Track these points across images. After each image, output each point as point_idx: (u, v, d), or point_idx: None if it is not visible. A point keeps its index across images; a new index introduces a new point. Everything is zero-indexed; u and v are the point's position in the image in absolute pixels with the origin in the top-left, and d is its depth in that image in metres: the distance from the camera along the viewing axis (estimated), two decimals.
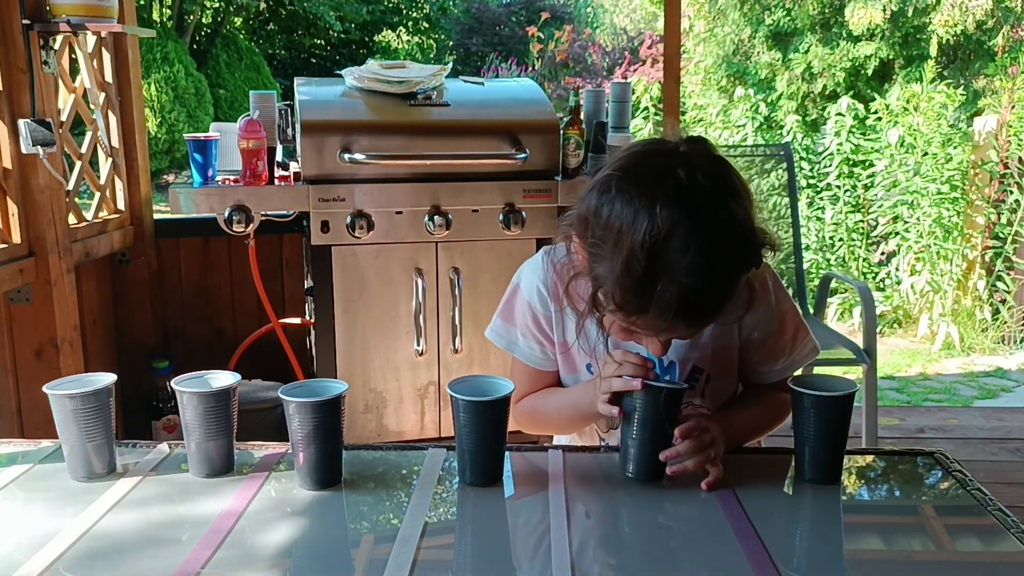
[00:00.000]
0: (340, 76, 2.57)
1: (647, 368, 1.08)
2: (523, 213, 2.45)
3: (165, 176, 9.75)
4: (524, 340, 1.29)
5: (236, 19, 13.18)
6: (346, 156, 2.32)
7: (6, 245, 2.13)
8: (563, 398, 1.28)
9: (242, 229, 2.33)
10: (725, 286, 1.00)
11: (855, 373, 4.12)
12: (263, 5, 12.97)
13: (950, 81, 6.16)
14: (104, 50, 2.62)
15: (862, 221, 5.59)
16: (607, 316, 1.06)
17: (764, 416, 1.28)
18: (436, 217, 2.39)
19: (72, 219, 2.42)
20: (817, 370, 3.90)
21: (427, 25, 14.79)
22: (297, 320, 2.80)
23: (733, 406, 1.29)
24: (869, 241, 5.59)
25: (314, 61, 13.96)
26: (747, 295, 1.10)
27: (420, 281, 2.43)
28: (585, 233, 1.04)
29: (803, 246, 4.18)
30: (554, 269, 1.22)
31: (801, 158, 5.75)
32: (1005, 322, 5.01)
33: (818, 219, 5.69)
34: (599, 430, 1.31)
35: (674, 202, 0.96)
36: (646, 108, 6.38)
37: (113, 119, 2.67)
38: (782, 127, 6.43)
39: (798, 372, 1.27)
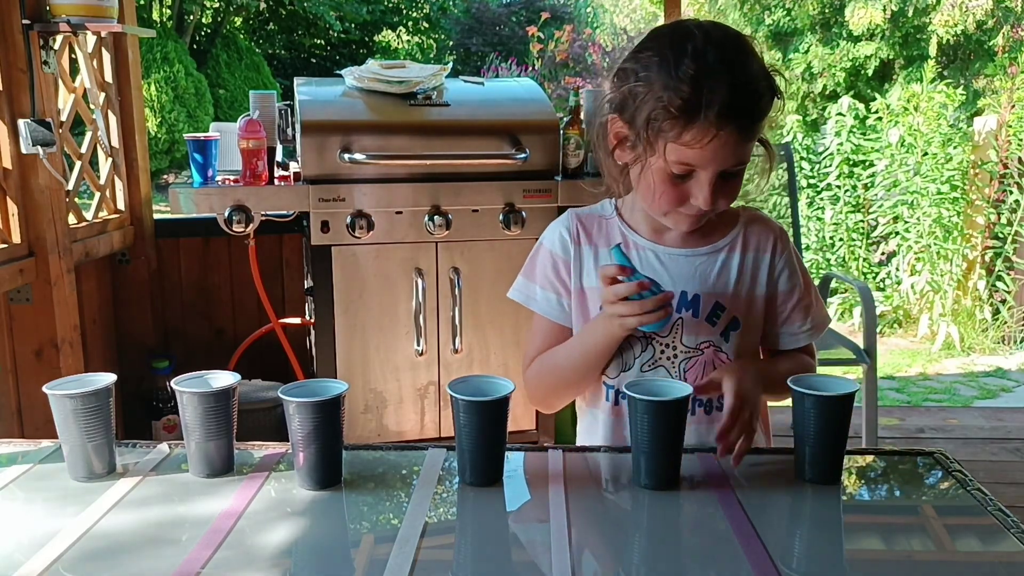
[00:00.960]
0: (340, 76, 2.57)
1: (666, 298, 1.14)
2: (523, 213, 2.45)
3: (165, 176, 9.76)
4: (542, 292, 1.33)
5: (236, 19, 13.18)
6: (346, 156, 2.32)
7: (6, 245, 2.13)
8: (571, 342, 1.30)
9: (242, 229, 2.33)
10: (760, 87, 1.13)
11: (855, 373, 4.12)
12: (263, 5, 12.97)
13: (950, 81, 6.16)
14: (104, 50, 2.62)
15: (862, 221, 5.59)
16: (655, 157, 1.15)
17: (796, 371, 1.28)
18: (436, 217, 2.39)
19: (72, 219, 2.42)
20: (818, 370, 3.89)
21: (427, 25, 14.80)
22: (297, 320, 2.80)
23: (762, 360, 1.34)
24: (869, 241, 5.59)
25: (314, 61, 13.97)
26: (767, 164, 1.24)
27: (420, 281, 2.43)
28: (625, 92, 1.17)
29: (803, 246, 4.19)
30: (578, 218, 1.33)
31: (801, 158, 5.75)
32: (1005, 322, 5.01)
33: (818, 219, 5.69)
34: (607, 377, 1.29)
35: (702, 38, 1.12)
36: None
37: (113, 119, 2.67)
38: (782, 127, 6.43)
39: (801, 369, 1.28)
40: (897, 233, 5.35)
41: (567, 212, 1.36)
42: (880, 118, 5.61)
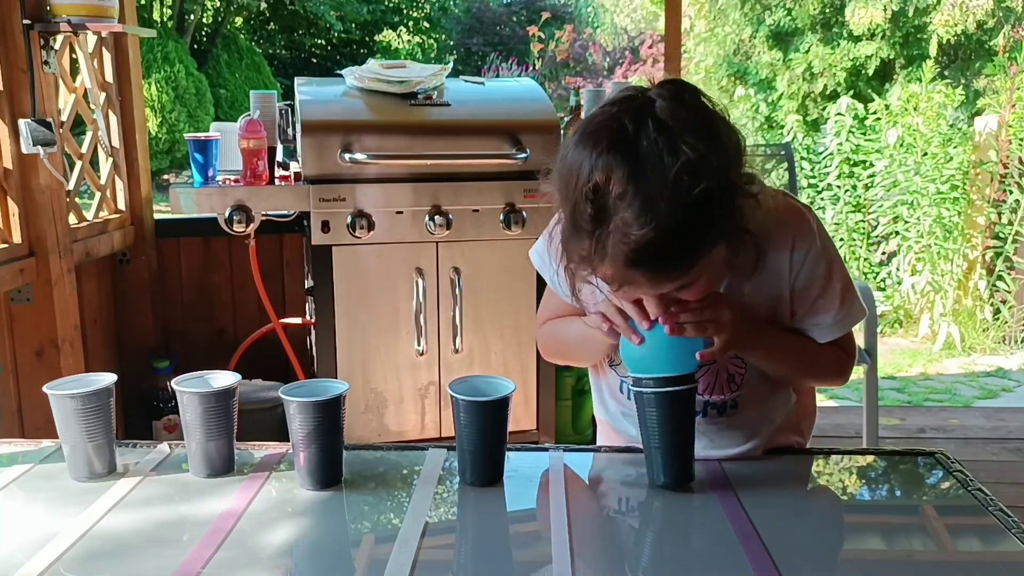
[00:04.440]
0: (341, 76, 2.57)
1: (644, 314, 1.06)
2: (524, 213, 2.45)
3: (166, 176, 9.75)
4: (556, 267, 1.25)
5: (237, 19, 13.18)
6: (347, 156, 2.32)
7: (6, 245, 2.13)
8: (577, 325, 1.25)
9: (242, 229, 2.33)
10: (673, 236, 0.94)
11: (856, 373, 4.12)
12: (264, 5, 12.97)
13: (950, 81, 6.16)
14: (105, 50, 2.62)
15: (862, 221, 5.59)
16: (571, 269, 1.06)
17: (810, 348, 1.21)
18: (437, 217, 2.39)
19: (72, 219, 2.42)
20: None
21: (428, 25, 14.79)
22: (298, 320, 2.80)
23: None
24: (869, 241, 5.59)
25: (315, 61, 13.96)
26: (759, 245, 1.06)
27: (420, 281, 2.43)
28: (550, 186, 1.05)
29: None
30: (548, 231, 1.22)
31: (802, 158, 5.75)
32: (1006, 322, 5.00)
33: None
34: (620, 374, 1.27)
35: (615, 149, 0.94)
36: None
37: (113, 119, 2.67)
38: (782, 127, 6.43)
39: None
40: (897, 233, 5.35)
41: None
42: (879, 118, 5.61)
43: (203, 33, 12.72)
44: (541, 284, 2.49)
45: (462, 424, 1.07)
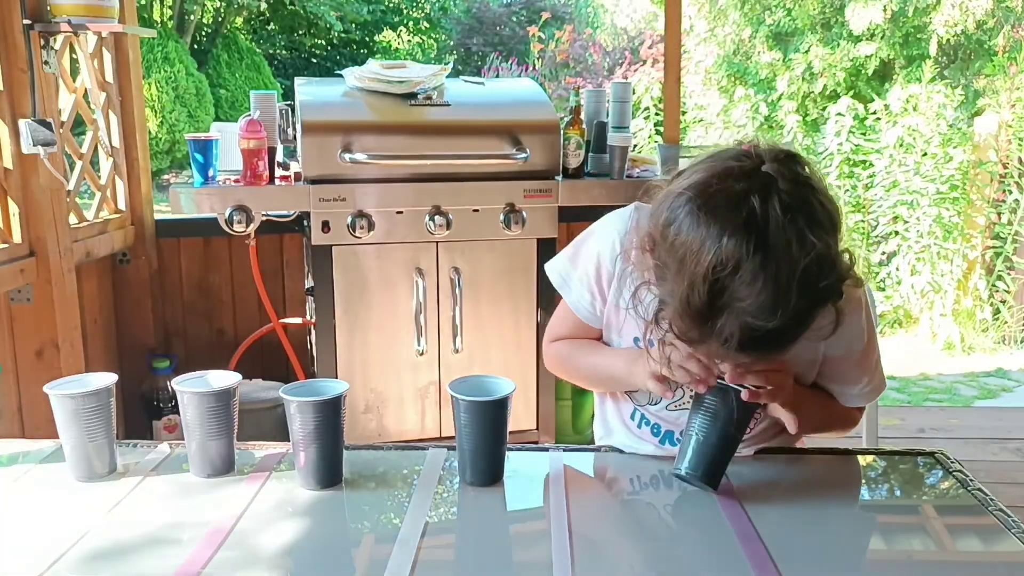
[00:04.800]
0: (341, 76, 2.57)
1: (711, 373, 1.05)
2: (524, 213, 2.45)
3: (166, 176, 9.75)
4: (579, 286, 1.24)
5: (237, 19, 13.17)
6: (347, 156, 2.32)
7: (7, 245, 2.13)
8: (601, 358, 1.25)
9: (243, 229, 2.33)
10: (792, 324, 0.94)
11: None
12: (264, 5, 12.96)
13: (950, 81, 6.16)
14: (105, 50, 2.62)
15: (862, 221, 5.59)
16: (665, 340, 1.03)
17: (834, 410, 1.24)
18: (437, 217, 2.39)
19: (73, 219, 2.42)
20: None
21: (428, 25, 14.79)
22: (298, 320, 2.80)
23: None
24: (870, 241, 5.59)
25: (315, 61, 13.95)
26: (832, 316, 1.01)
27: (421, 281, 2.43)
28: (653, 248, 1.00)
29: None
30: (637, 227, 1.10)
31: None
32: (1006, 322, 5.00)
33: None
34: (635, 401, 1.27)
35: (743, 232, 0.91)
36: (647, 108, 6.38)
37: (114, 119, 2.67)
38: (782, 127, 6.43)
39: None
40: (897, 233, 5.35)
41: (632, 210, 1.19)
42: (879, 118, 5.61)
43: (203, 33, 12.72)
44: (541, 284, 2.51)
45: (462, 424, 1.07)
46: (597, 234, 1.24)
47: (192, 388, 1.09)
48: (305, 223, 2.48)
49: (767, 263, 0.90)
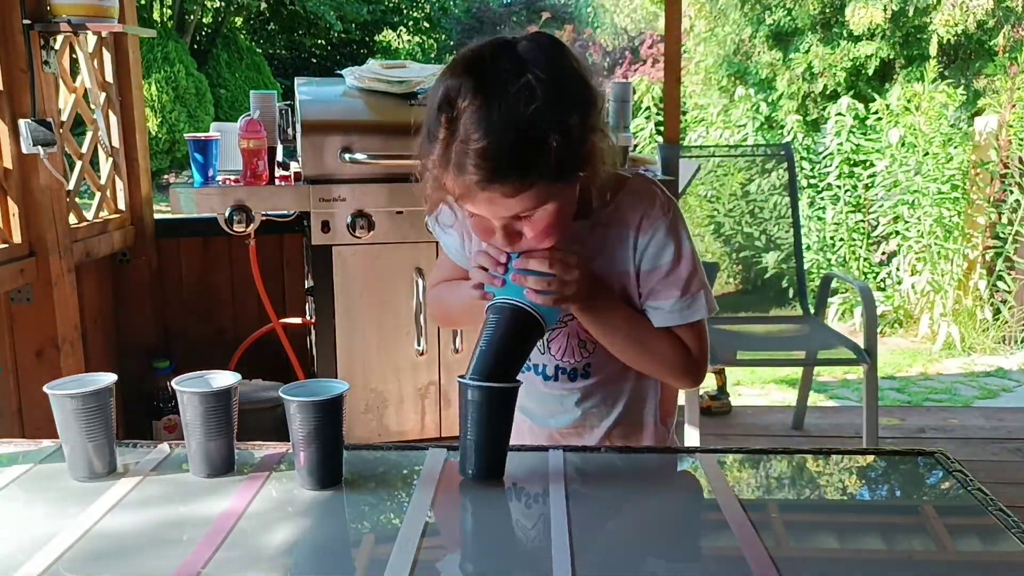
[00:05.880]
0: (341, 76, 2.57)
1: (499, 263, 1.11)
2: None
3: (166, 176, 9.76)
4: (447, 227, 1.30)
5: (237, 19, 13.18)
6: (346, 156, 2.32)
7: (7, 245, 2.13)
8: (456, 290, 1.27)
9: (242, 229, 2.33)
10: (509, 146, 1.01)
11: (856, 373, 4.12)
12: (264, 5, 12.97)
13: (951, 81, 6.16)
14: (105, 50, 2.62)
15: (863, 221, 5.59)
16: (427, 182, 1.13)
17: (647, 333, 1.20)
18: None
19: (73, 219, 2.42)
20: (818, 370, 3.91)
21: (428, 25, 14.79)
22: (298, 320, 2.80)
23: None
24: (870, 241, 5.59)
25: (315, 61, 13.96)
26: (602, 194, 1.12)
27: (420, 281, 2.43)
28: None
29: (804, 246, 4.21)
30: None
31: (802, 158, 5.76)
32: (1006, 322, 5.01)
33: (819, 219, 5.69)
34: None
35: (467, 72, 1.04)
36: (647, 108, 6.38)
37: (114, 119, 2.67)
38: (783, 127, 6.43)
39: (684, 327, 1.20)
40: (898, 233, 5.35)
41: None
42: (880, 118, 5.61)
43: (203, 33, 12.72)
44: None
45: (469, 413, 1.06)
46: None
47: (192, 388, 1.09)
48: (305, 223, 2.48)
49: (481, 90, 1.02)
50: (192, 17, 12.34)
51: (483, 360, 1.07)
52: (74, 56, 2.48)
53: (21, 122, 2.10)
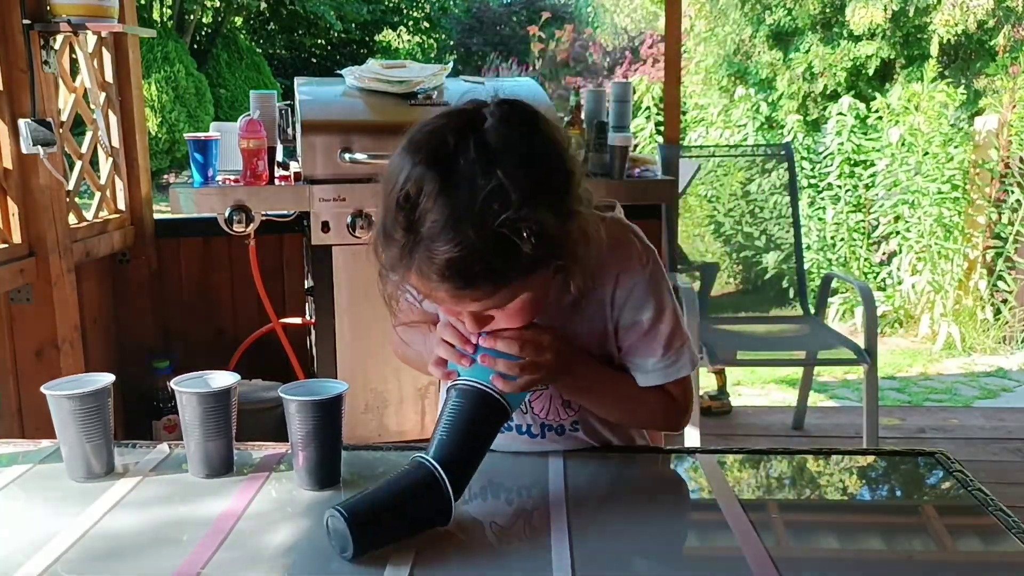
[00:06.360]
0: (340, 76, 2.57)
1: (468, 342, 1.03)
2: None
3: (165, 176, 9.75)
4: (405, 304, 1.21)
5: (236, 19, 13.18)
6: (346, 156, 2.31)
7: (6, 245, 2.13)
8: (426, 347, 1.18)
9: (242, 229, 2.33)
10: (480, 257, 0.92)
11: (856, 373, 4.12)
12: (263, 5, 12.97)
13: (951, 81, 6.16)
14: (104, 50, 2.62)
15: (863, 221, 5.59)
16: (383, 274, 1.05)
17: (631, 392, 1.15)
18: None
19: (72, 219, 2.42)
20: (818, 370, 3.91)
21: (428, 25, 14.79)
22: (297, 320, 2.80)
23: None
24: (870, 241, 5.59)
25: (315, 61, 13.96)
26: (585, 275, 1.02)
27: None
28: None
29: (804, 246, 4.21)
30: None
31: (802, 158, 5.75)
32: (1006, 322, 5.00)
33: (819, 219, 5.69)
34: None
35: (432, 160, 0.93)
36: (647, 108, 6.38)
37: (113, 119, 2.67)
38: (783, 127, 6.43)
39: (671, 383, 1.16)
40: (898, 233, 5.35)
41: None
42: (881, 118, 5.61)
43: (203, 33, 12.72)
44: None
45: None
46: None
47: (191, 388, 1.09)
48: (305, 223, 2.48)
49: (447, 191, 0.91)
50: (192, 17, 12.34)
51: (443, 449, 0.99)
52: (74, 56, 2.48)
53: (21, 122, 2.10)
